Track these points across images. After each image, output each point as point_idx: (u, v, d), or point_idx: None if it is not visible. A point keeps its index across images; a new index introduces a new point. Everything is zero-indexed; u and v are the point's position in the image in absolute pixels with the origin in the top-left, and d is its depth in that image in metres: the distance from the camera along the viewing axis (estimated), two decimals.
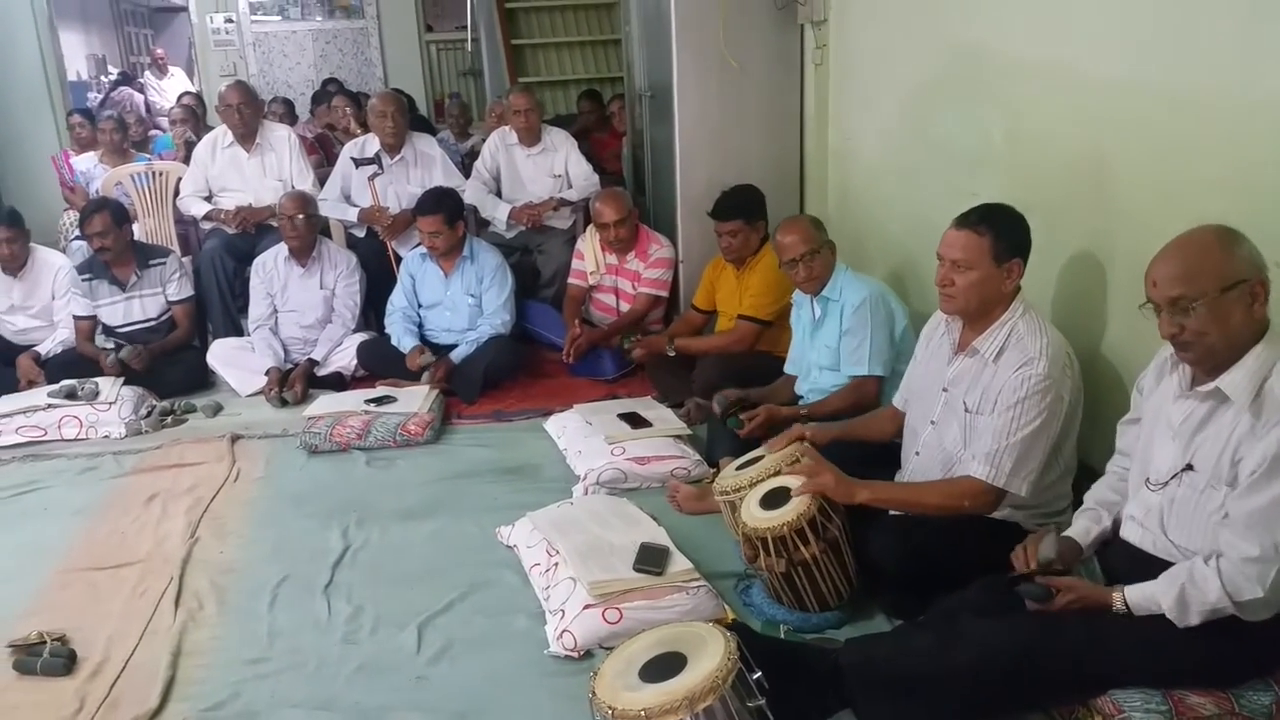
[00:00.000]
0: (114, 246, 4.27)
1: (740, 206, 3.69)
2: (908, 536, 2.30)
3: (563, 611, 2.39)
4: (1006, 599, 1.96)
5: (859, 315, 2.97)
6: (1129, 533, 1.96)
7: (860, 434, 2.72)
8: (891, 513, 2.41)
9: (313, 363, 4.31)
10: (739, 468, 2.58)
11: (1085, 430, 2.34)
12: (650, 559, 2.48)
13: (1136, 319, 1.85)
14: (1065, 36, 2.55)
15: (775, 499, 2.33)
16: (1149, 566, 1.85)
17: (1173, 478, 1.84)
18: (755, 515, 2.32)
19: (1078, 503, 2.19)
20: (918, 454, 2.49)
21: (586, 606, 2.34)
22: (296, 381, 4.17)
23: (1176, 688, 1.81)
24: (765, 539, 2.27)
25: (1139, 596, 1.82)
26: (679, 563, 2.50)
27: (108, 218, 4.24)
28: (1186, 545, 1.82)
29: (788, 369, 3.30)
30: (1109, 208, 2.43)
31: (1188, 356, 1.79)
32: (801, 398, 3.19)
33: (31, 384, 4.20)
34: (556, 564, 2.55)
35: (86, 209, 4.40)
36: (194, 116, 6.54)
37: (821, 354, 3.09)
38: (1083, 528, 2.06)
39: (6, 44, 7.38)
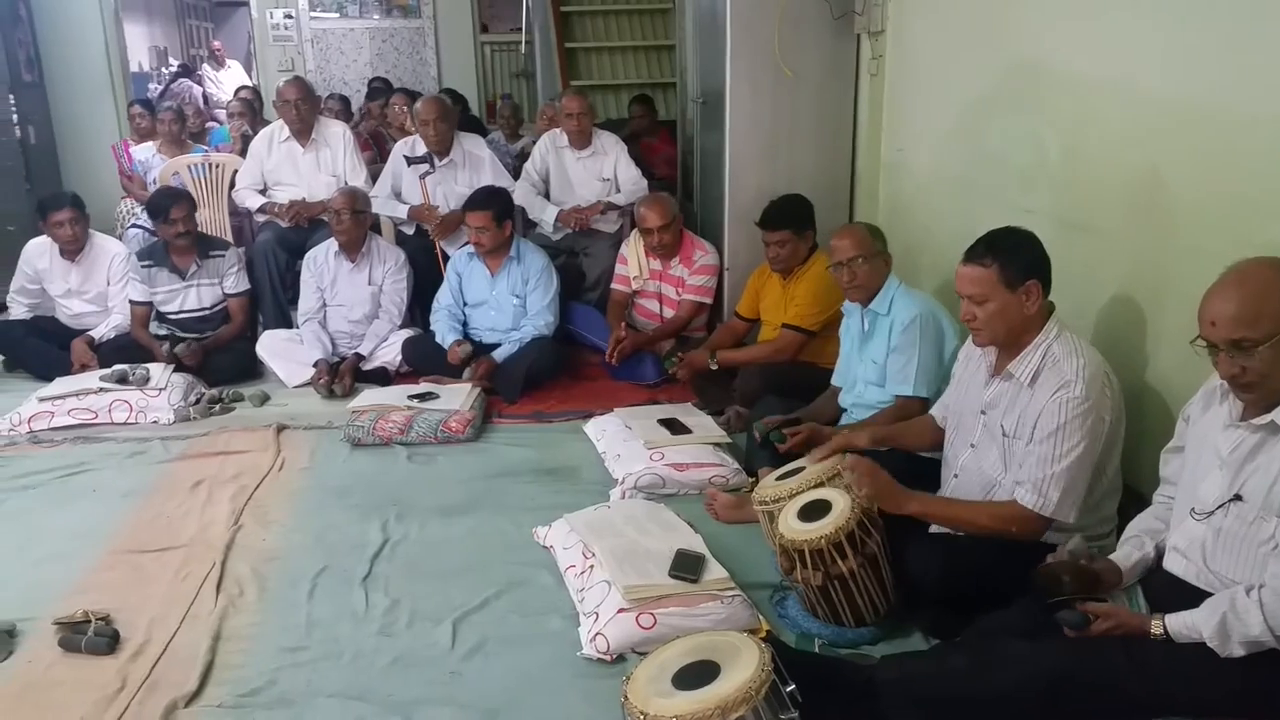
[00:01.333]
0: (192, 233, 4.41)
1: (789, 216, 3.68)
2: (947, 554, 2.27)
3: (597, 614, 2.39)
4: (1046, 622, 1.93)
5: (908, 334, 2.93)
6: (1172, 564, 1.92)
7: (897, 439, 2.69)
8: (931, 529, 2.38)
9: (359, 357, 4.36)
10: (779, 478, 2.57)
11: (1131, 457, 2.31)
12: (686, 566, 2.48)
13: (1187, 346, 1.81)
14: (1126, 55, 2.51)
15: (814, 511, 2.32)
16: (1193, 598, 1.81)
17: (1219, 508, 1.80)
18: (793, 527, 2.31)
19: (1123, 526, 2.16)
20: (956, 476, 2.46)
21: (621, 610, 2.34)
22: (345, 375, 4.22)
23: (1216, 717, 1.77)
24: (803, 551, 2.26)
25: (1179, 625, 1.78)
26: (715, 571, 2.50)
27: (187, 207, 4.41)
28: (1231, 576, 1.78)
29: (835, 380, 3.27)
30: (1163, 231, 2.38)
31: (1249, 396, 1.75)
32: (845, 410, 3.16)
33: (84, 367, 4.30)
34: (592, 566, 2.55)
35: (167, 197, 4.50)
36: (251, 110, 6.65)
37: (868, 369, 3.06)
38: (1124, 553, 2.03)
39: (75, 34, 7.56)
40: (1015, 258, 2.24)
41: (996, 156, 3.20)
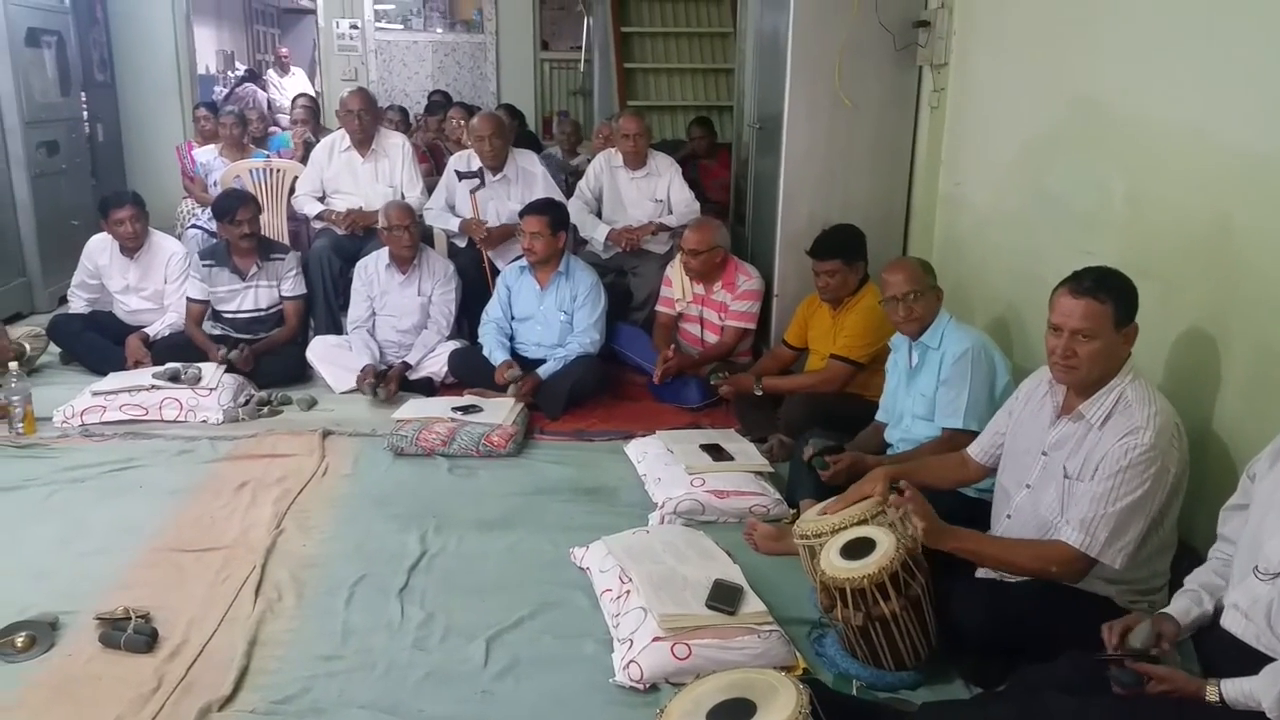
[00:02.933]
0: (256, 235, 4.51)
1: (840, 246, 3.64)
2: (994, 601, 2.22)
3: (631, 641, 2.36)
4: (1094, 678, 1.87)
5: (959, 366, 2.89)
6: (1231, 622, 1.86)
7: (922, 474, 2.58)
8: (978, 574, 2.33)
9: (406, 365, 4.39)
10: (822, 512, 2.53)
11: (1189, 510, 2.24)
12: (724, 597, 2.45)
13: (1252, 398, 1.76)
14: (1197, 99, 2.46)
15: (857, 549, 2.28)
16: (1251, 660, 1.75)
17: None
18: (835, 564, 2.27)
19: (1176, 582, 2.09)
20: (1009, 517, 2.40)
21: (655, 639, 2.31)
22: (391, 381, 4.26)
23: None
24: (844, 590, 2.22)
25: (1236, 692, 1.71)
26: (752, 604, 2.46)
27: (253, 209, 4.52)
28: None
29: (879, 416, 3.23)
30: (1230, 281, 2.32)
31: None
32: (891, 446, 3.12)
33: (138, 364, 4.37)
34: (628, 591, 2.53)
35: (234, 199, 4.59)
36: (313, 118, 6.76)
37: (916, 402, 3.02)
38: (1183, 607, 1.96)
39: (146, 37, 7.77)
40: (1125, 297, 2.18)
41: (1057, 195, 3.15)
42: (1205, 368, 2.39)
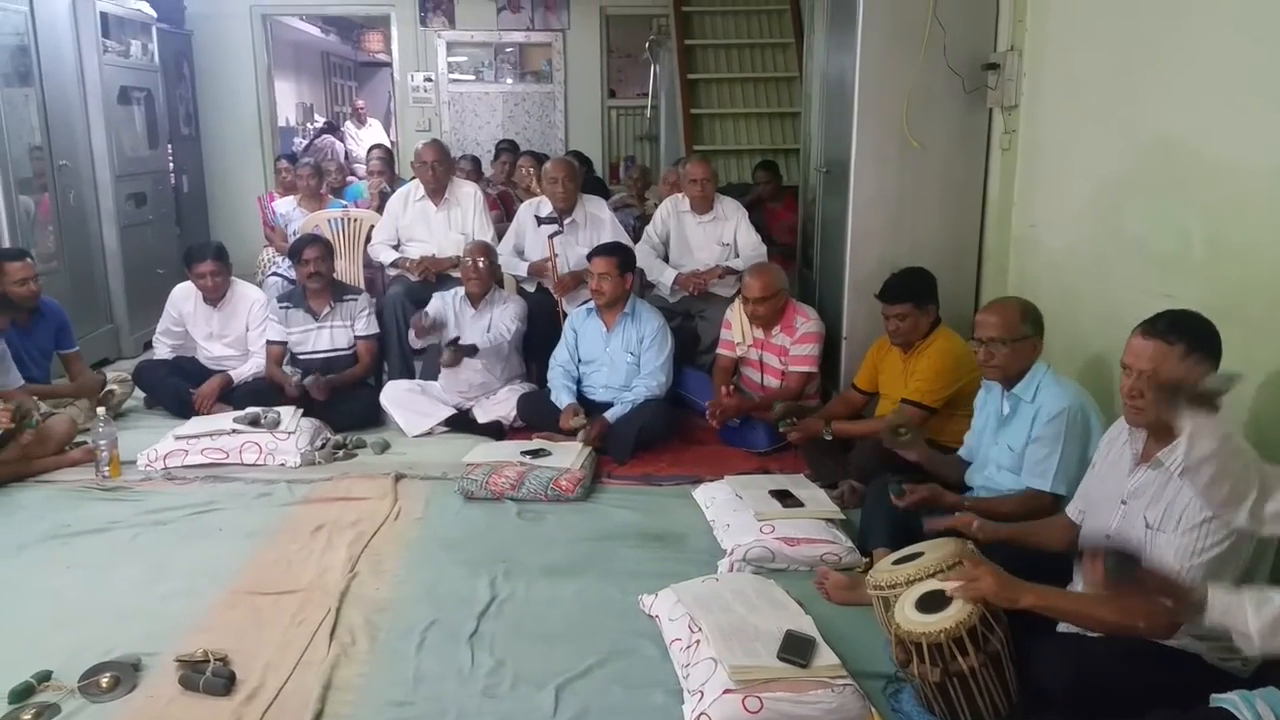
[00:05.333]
0: (325, 273, 4.65)
1: (909, 289, 3.60)
2: (1078, 657, 2.14)
3: (701, 693, 2.33)
4: None
5: (1053, 426, 2.77)
6: None
7: (1030, 540, 2.57)
8: (1060, 628, 2.26)
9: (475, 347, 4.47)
10: (896, 562, 2.48)
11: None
12: (796, 649, 2.40)
13: None
14: (1278, 139, 2.39)
15: (934, 602, 2.22)
16: None
17: None
18: (911, 618, 2.22)
19: None
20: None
21: (726, 691, 2.28)
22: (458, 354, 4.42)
23: None
24: (920, 644, 2.16)
25: (1222, 604, 1.77)
26: (825, 656, 2.41)
27: (321, 248, 4.69)
28: None
29: (962, 453, 3.16)
30: None
31: None
32: (970, 489, 3.04)
33: (203, 403, 4.53)
34: (698, 641, 2.50)
35: (303, 240, 4.79)
36: (388, 168, 6.93)
37: (1003, 454, 2.93)
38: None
39: (230, 92, 8.10)
40: (1201, 342, 2.13)
41: (1135, 237, 3.08)
42: None
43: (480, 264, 4.53)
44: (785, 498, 3.40)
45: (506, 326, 4.58)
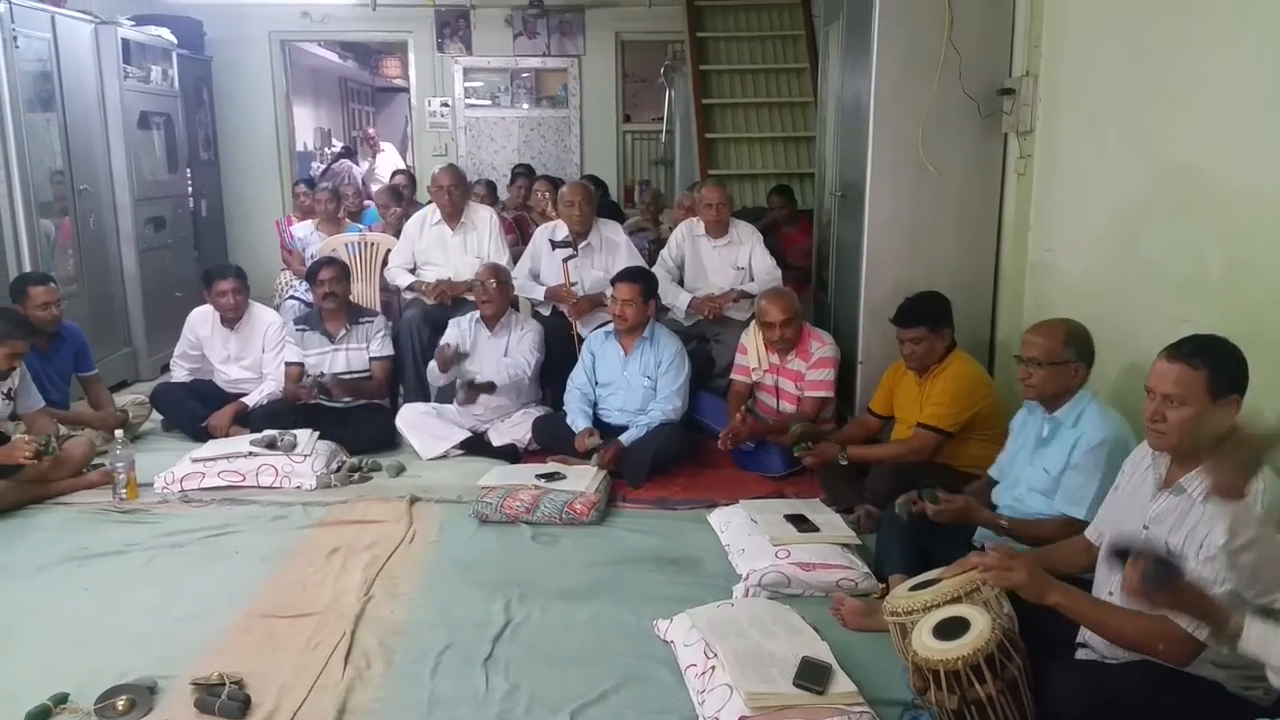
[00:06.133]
0: (340, 294, 4.69)
1: (924, 313, 3.60)
2: (1095, 685, 2.12)
3: (717, 719, 2.32)
4: None
5: (1093, 456, 2.73)
6: None
7: (1047, 560, 2.54)
8: (1079, 656, 2.24)
9: (492, 385, 4.50)
10: (913, 588, 2.46)
11: None
12: (812, 675, 2.39)
13: None
14: None
15: (951, 628, 2.21)
16: None
17: None
18: (928, 644, 2.21)
19: None
20: (1111, 594, 2.31)
21: (742, 718, 2.27)
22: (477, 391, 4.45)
23: None
24: (938, 671, 2.14)
25: (1259, 634, 1.73)
26: (842, 683, 2.40)
27: (337, 269, 4.73)
28: None
29: (993, 472, 3.13)
30: None
31: None
32: (996, 507, 3.02)
33: (217, 428, 4.56)
34: (714, 667, 2.49)
35: (318, 262, 4.85)
36: (399, 196, 6.95)
37: (1038, 476, 2.89)
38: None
39: (248, 117, 8.19)
40: (1226, 368, 2.11)
41: (1152, 262, 3.07)
42: None
43: (491, 285, 4.56)
44: (801, 522, 3.38)
45: (526, 359, 4.59)
